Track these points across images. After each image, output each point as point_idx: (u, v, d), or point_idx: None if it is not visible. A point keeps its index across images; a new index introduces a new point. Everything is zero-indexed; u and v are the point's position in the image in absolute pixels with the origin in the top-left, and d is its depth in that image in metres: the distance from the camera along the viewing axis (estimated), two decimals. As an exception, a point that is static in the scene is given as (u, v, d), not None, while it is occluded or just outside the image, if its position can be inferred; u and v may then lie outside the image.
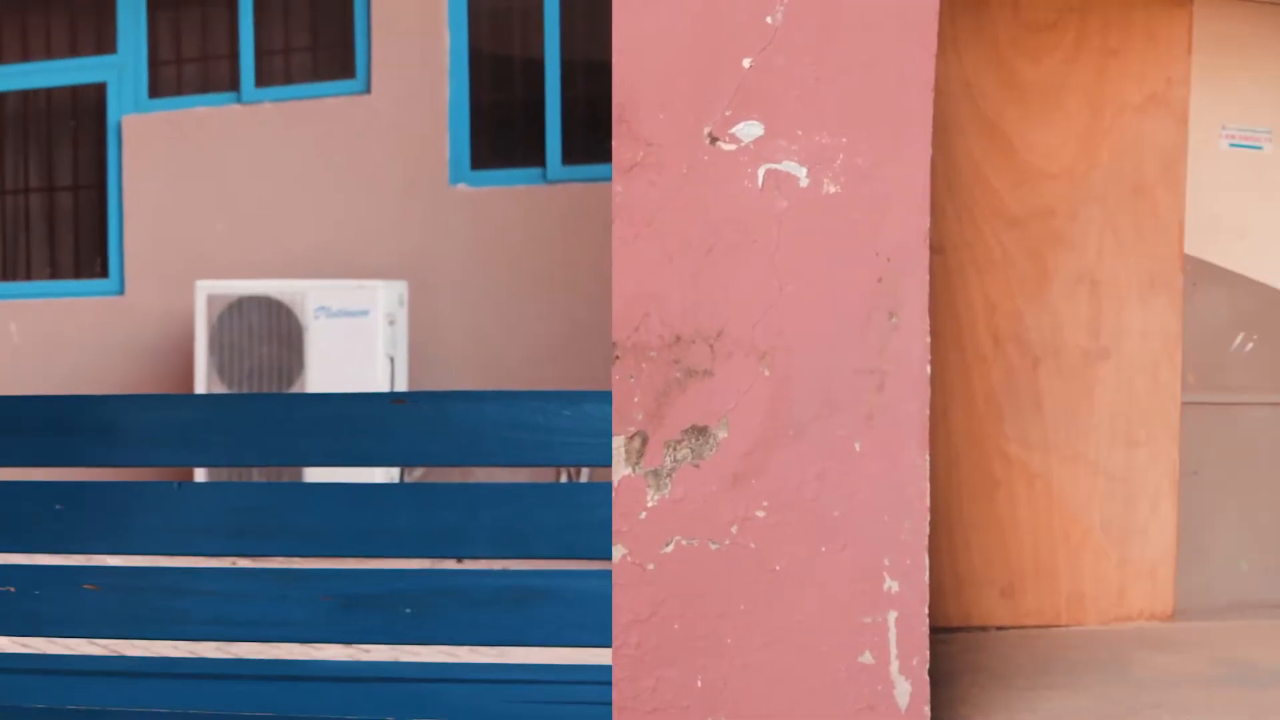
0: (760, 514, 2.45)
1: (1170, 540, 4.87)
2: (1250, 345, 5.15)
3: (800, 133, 2.50)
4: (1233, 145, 5.02)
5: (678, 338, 2.43)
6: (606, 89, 2.57)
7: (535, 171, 8.06)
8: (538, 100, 8.07)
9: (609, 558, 2.40)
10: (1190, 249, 4.83)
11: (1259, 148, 5.04)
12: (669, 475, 2.42)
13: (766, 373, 2.47)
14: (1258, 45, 4.86)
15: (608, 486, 2.40)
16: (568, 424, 2.32)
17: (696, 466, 2.42)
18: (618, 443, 2.39)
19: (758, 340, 2.46)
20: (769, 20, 2.48)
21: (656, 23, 2.47)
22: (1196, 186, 4.76)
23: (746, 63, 2.46)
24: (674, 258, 2.43)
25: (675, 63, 2.46)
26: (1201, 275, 5.09)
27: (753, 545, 2.45)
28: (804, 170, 2.51)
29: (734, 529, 2.44)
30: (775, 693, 2.51)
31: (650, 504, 2.41)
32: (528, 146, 8.13)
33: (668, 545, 2.41)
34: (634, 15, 2.46)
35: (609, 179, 2.54)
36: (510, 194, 8.10)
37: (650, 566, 2.40)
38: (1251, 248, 4.98)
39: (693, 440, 2.42)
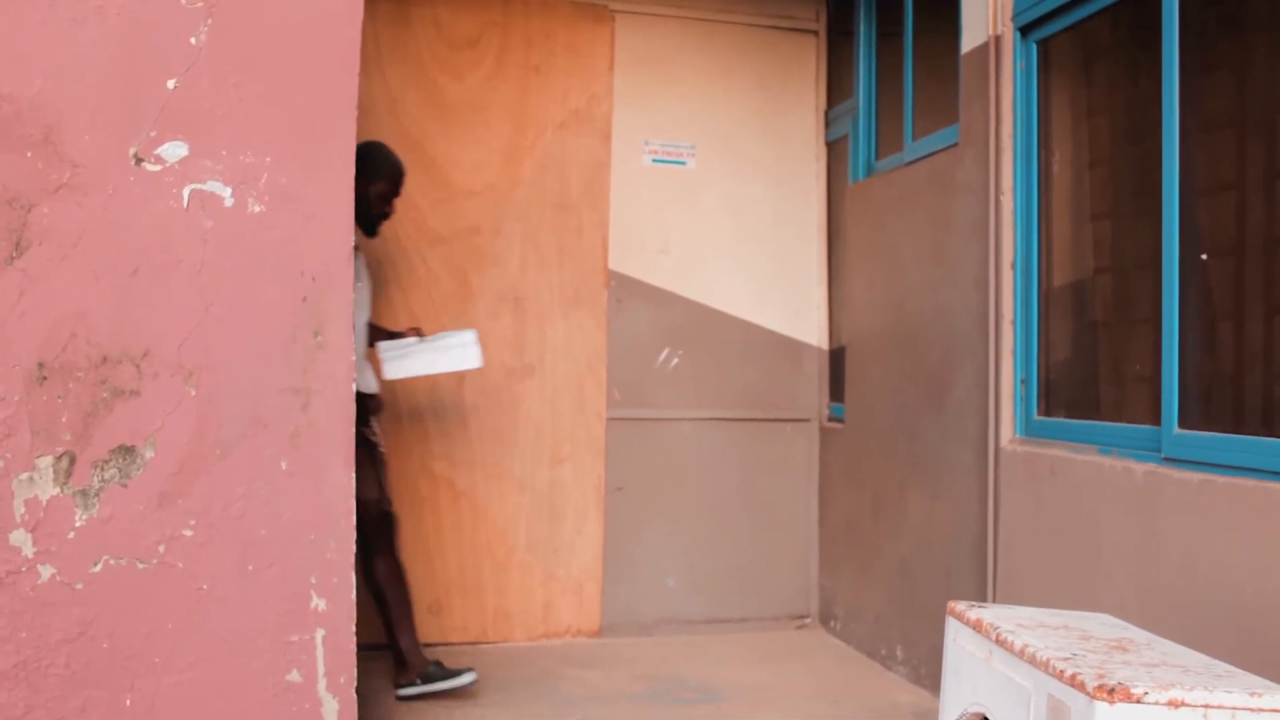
0: (188, 533, 3.20)
1: (596, 557, 6.18)
2: (675, 360, 6.36)
3: (225, 152, 3.26)
4: (656, 161, 6.48)
5: (104, 358, 3.11)
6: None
7: None
8: None
9: None
10: (614, 265, 6.19)
11: (683, 163, 6.54)
12: (97, 495, 3.09)
13: (193, 392, 3.21)
14: (680, 61, 6.43)
15: None
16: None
17: (124, 486, 3.12)
18: (45, 463, 3.04)
19: (184, 360, 3.20)
20: (193, 41, 3.24)
21: (81, 42, 3.11)
22: (620, 202, 6.22)
23: (171, 83, 3.20)
24: (101, 278, 3.10)
25: (101, 84, 3.11)
26: (626, 291, 6.33)
27: (180, 564, 3.18)
28: (229, 190, 3.27)
29: (162, 548, 3.16)
30: (203, 711, 3.20)
31: (78, 523, 3.06)
32: None
33: (96, 565, 3.08)
34: (58, 36, 3.09)
35: None
36: None
37: (79, 586, 3.05)
38: (676, 263, 6.37)
39: (120, 460, 3.12)
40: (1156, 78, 3.72)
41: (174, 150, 3.22)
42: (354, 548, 3.47)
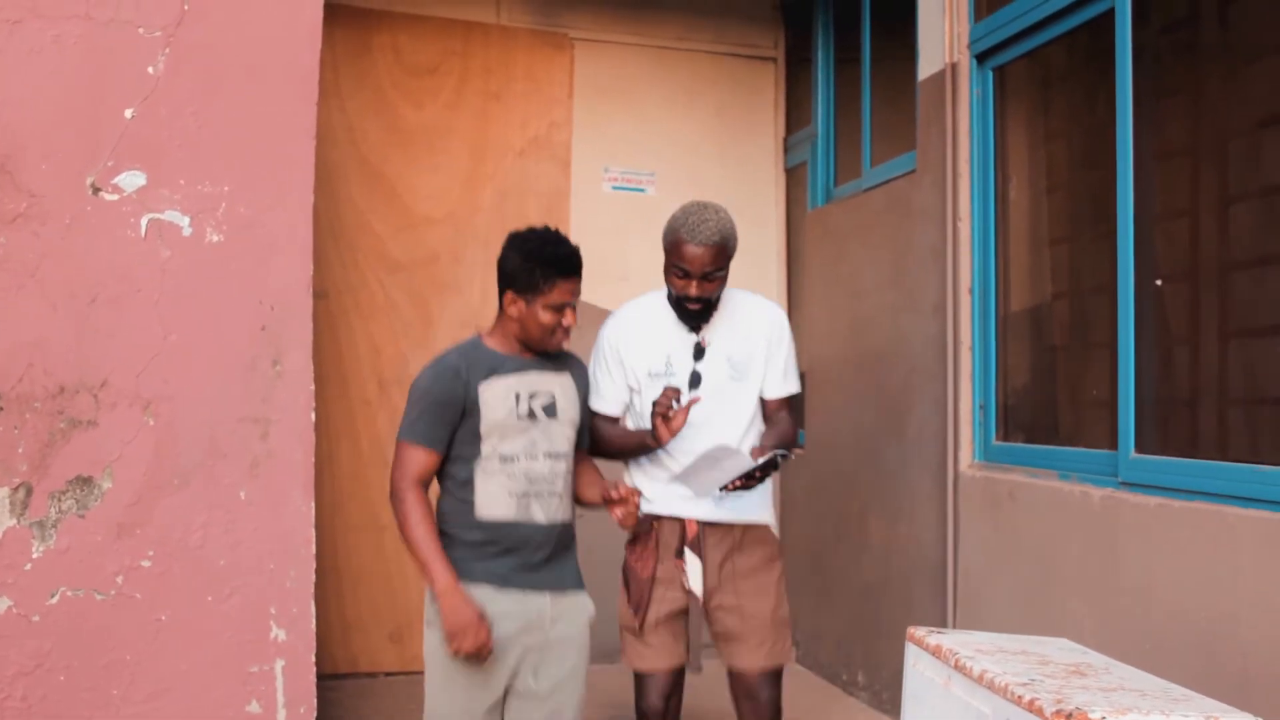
0: (146, 563, 3.18)
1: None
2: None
3: (183, 182, 3.27)
4: (616, 188, 6.53)
5: (62, 388, 3.10)
6: None
7: None
8: None
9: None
10: (575, 291, 6.25)
11: (643, 190, 6.59)
12: (54, 526, 3.08)
13: (151, 422, 3.21)
14: (640, 89, 6.47)
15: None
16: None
17: (82, 517, 3.10)
18: (1, 494, 3.01)
19: (142, 389, 3.19)
20: (150, 70, 3.24)
21: (39, 72, 3.11)
22: (580, 230, 6.11)
23: (129, 113, 3.20)
24: (58, 308, 3.09)
25: (59, 113, 3.11)
26: (586, 318, 6.22)
27: (139, 595, 3.17)
28: (187, 219, 3.28)
29: (120, 579, 3.15)
30: (162, 745, 3.24)
31: (35, 555, 3.04)
32: None
33: (53, 596, 3.06)
34: (16, 66, 3.09)
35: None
36: None
37: (35, 618, 3.03)
38: (635, 290, 6.18)
39: (78, 491, 3.11)
40: (1111, 104, 3.79)
41: (132, 180, 3.23)
42: (314, 576, 3.45)
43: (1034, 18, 4.23)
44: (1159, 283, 3.78)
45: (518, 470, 3.14)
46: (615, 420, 3.60)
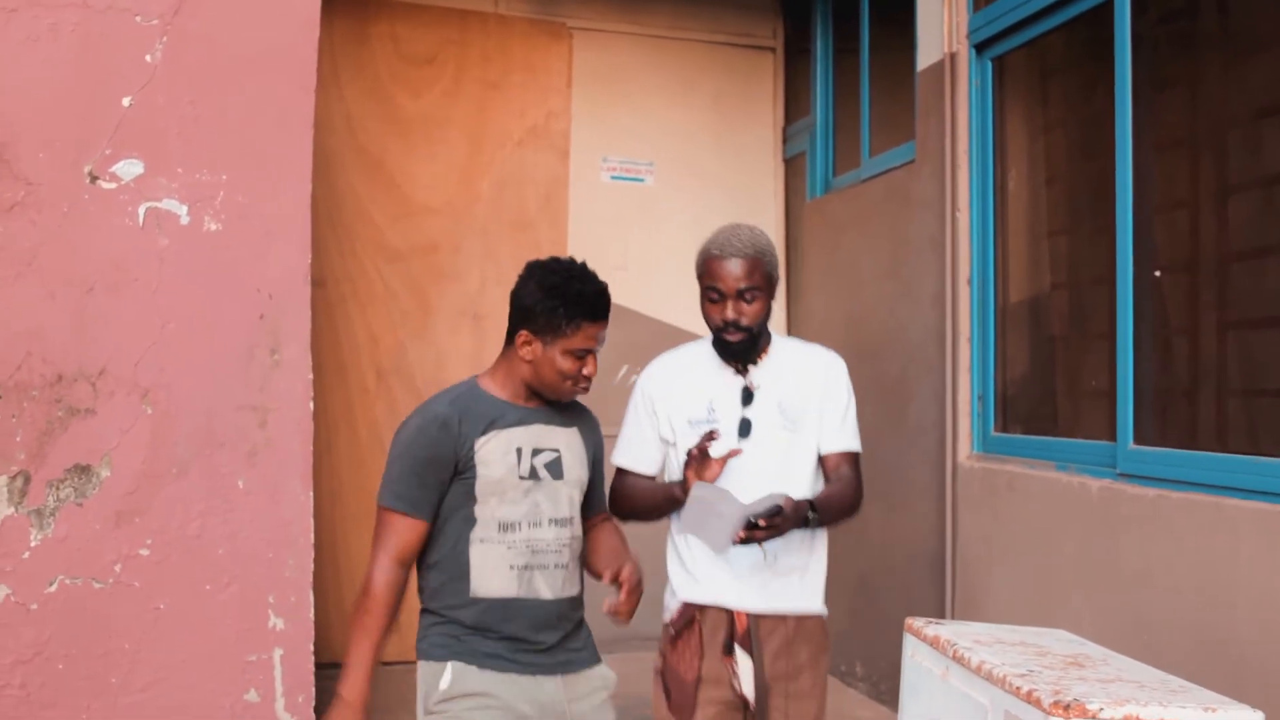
0: (144, 552, 3.19)
1: (554, 576, 6.14)
2: (635, 378, 6.49)
3: (181, 170, 3.27)
4: (614, 178, 6.52)
5: (60, 376, 3.09)
6: None
7: None
8: None
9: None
10: (573, 281, 6.21)
11: (641, 180, 6.57)
12: (52, 514, 3.08)
13: (149, 410, 3.21)
14: (638, 78, 6.45)
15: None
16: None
17: (80, 505, 3.10)
18: (0, 482, 3.03)
19: (140, 378, 3.19)
20: (148, 59, 3.24)
21: (35, 61, 3.10)
22: (578, 219, 6.21)
23: (126, 101, 3.20)
24: (56, 296, 3.08)
25: (56, 101, 3.10)
26: None
27: (137, 584, 3.18)
28: (185, 208, 3.28)
29: (118, 567, 3.15)
30: (160, 734, 3.24)
31: (34, 543, 3.04)
32: None
33: (51, 585, 3.06)
34: (12, 55, 3.08)
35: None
36: None
37: (34, 606, 3.03)
38: (634, 279, 6.24)
39: (75, 479, 3.11)
40: (1110, 95, 3.78)
41: (129, 168, 3.23)
42: (312, 565, 3.46)
43: (1033, 7, 4.22)
44: (1158, 274, 3.78)
45: (519, 539, 2.68)
46: (645, 479, 3.11)
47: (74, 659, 3.11)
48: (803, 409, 3.02)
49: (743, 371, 3.03)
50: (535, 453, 2.71)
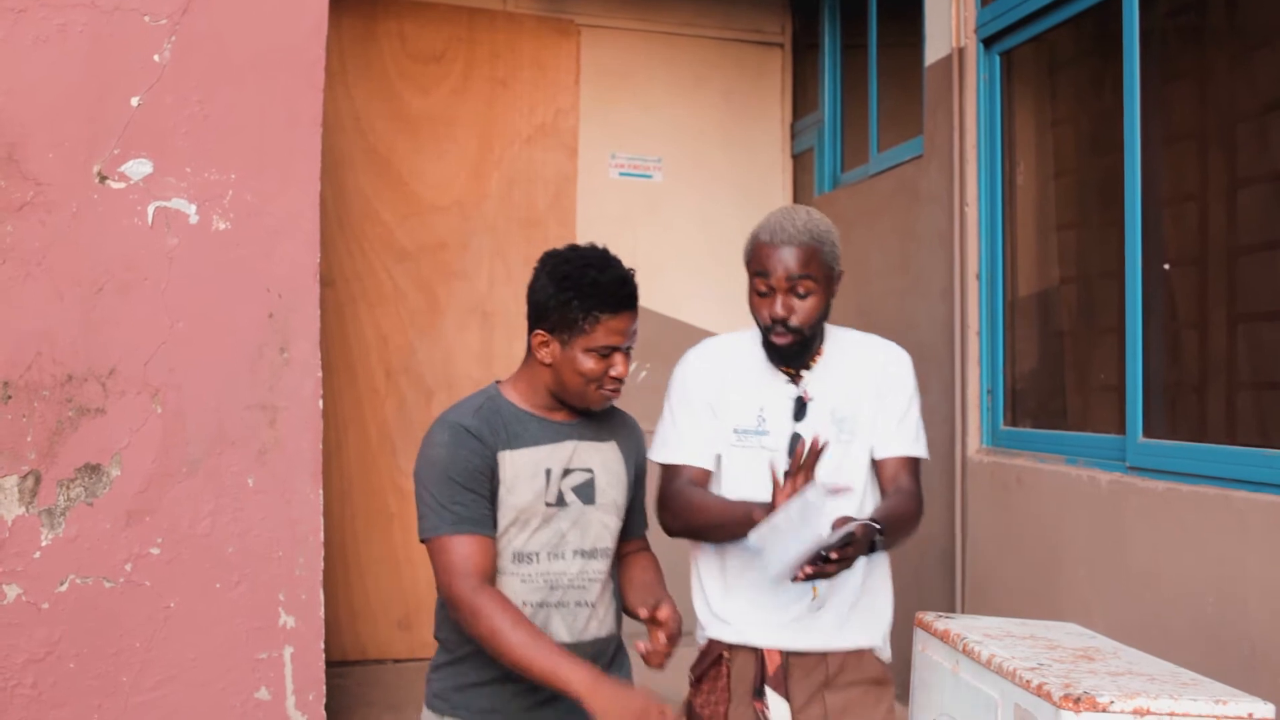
0: (155, 551, 3.19)
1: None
2: (644, 373, 6.24)
3: (190, 170, 3.27)
4: (623, 175, 6.52)
5: (70, 376, 3.10)
6: None
7: None
8: None
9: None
10: (582, 279, 6.22)
11: (649, 177, 6.58)
12: (63, 514, 3.09)
13: (159, 410, 3.22)
14: (646, 75, 6.46)
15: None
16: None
17: (90, 505, 3.11)
18: (10, 482, 3.03)
19: (150, 377, 3.20)
20: (156, 58, 3.24)
21: (44, 61, 3.10)
22: (587, 216, 6.20)
23: (135, 101, 3.20)
24: (65, 296, 3.09)
25: (65, 102, 3.10)
26: None
27: (147, 583, 3.18)
28: (194, 207, 3.28)
29: (128, 566, 3.16)
30: (171, 732, 3.24)
31: (45, 543, 3.04)
32: None
33: (62, 584, 3.07)
34: (21, 55, 3.08)
35: None
36: None
37: (45, 606, 3.04)
38: (643, 276, 6.15)
39: (86, 478, 3.12)
40: (1119, 89, 3.77)
41: (138, 168, 3.23)
42: (322, 564, 3.46)
43: (1041, 2, 4.21)
44: (1166, 267, 3.77)
45: (535, 572, 2.34)
46: (704, 476, 2.65)
47: (85, 658, 3.12)
48: (856, 412, 2.62)
49: (795, 378, 2.63)
50: (565, 474, 2.38)
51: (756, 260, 2.56)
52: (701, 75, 6.51)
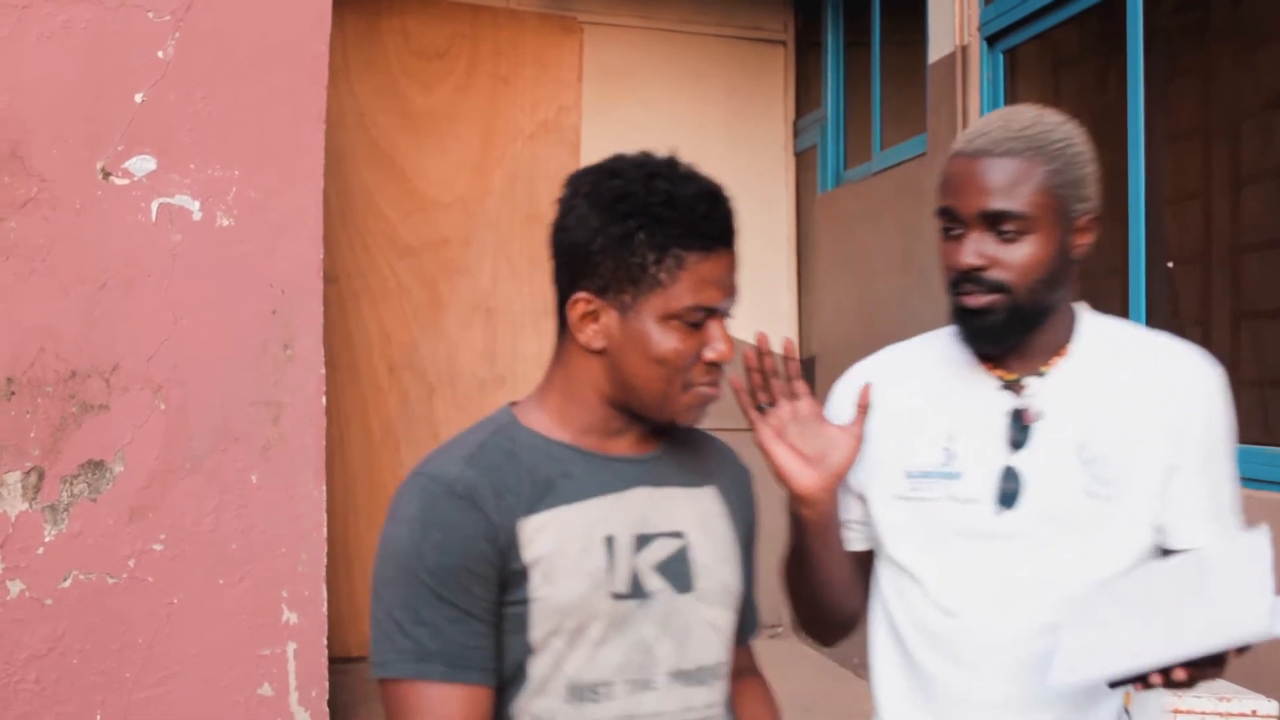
0: (158, 547, 3.18)
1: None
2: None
3: (193, 166, 3.25)
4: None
5: (73, 372, 3.09)
6: None
7: None
8: None
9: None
10: (581, 275, 6.25)
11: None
12: (66, 510, 3.08)
13: (162, 406, 3.20)
14: (649, 72, 6.48)
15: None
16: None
17: (94, 501, 3.10)
18: (13, 478, 3.02)
19: (153, 374, 3.19)
20: (160, 55, 3.23)
21: (48, 57, 3.09)
22: None
23: (138, 97, 3.19)
24: (69, 292, 3.08)
25: (68, 98, 3.09)
26: None
27: (151, 579, 3.17)
28: (197, 204, 3.27)
29: (132, 563, 3.15)
30: (174, 727, 3.24)
31: (48, 539, 3.04)
32: None
33: (66, 580, 3.07)
34: (25, 50, 3.07)
35: None
36: None
37: (48, 601, 3.03)
38: None
39: (89, 475, 3.11)
40: (1122, 86, 3.76)
41: (142, 164, 3.21)
42: (325, 560, 3.44)
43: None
44: (1170, 265, 3.76)
45: (609, 715, 1.43)
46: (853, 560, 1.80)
47: (88, 654, 3.11)
48: (1129, 460, 1.59)
49: (1015, 386, 1.64)
50: (640, 543, 1.46)
51: (946, 184, 1.61)
52: (704, 73, 6.50)
